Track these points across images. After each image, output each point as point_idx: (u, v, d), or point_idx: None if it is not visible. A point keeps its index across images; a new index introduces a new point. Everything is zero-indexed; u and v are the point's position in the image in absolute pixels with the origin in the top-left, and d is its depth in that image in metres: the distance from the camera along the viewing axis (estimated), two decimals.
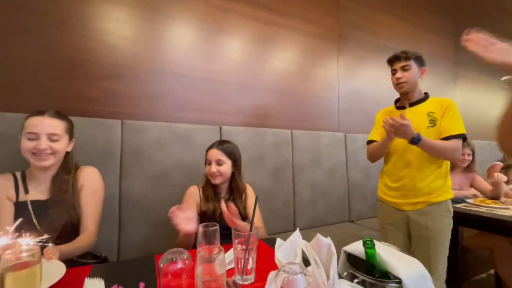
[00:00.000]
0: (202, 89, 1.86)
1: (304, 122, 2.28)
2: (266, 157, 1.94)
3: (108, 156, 1.46)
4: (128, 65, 1.64)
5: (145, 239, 1.51)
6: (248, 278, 0.76)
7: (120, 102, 1.62)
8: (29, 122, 0.97)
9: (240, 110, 2.00)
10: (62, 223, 0.99)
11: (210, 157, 1.26)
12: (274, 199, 1.94)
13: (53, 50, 1.46)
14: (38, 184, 1.02)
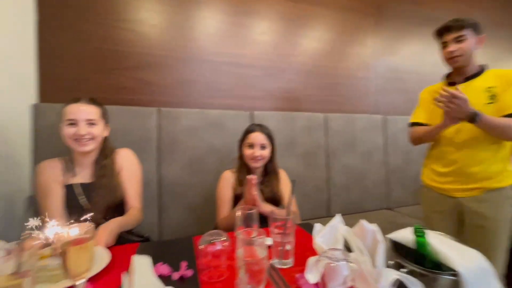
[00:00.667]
0: (230, 74, 1.84)
1: (337, 105, 2.17)
2: (297, 142, 1.89)
3: (146, 143, 1.53)
4: (160, 54, 1.67)
5: (182, 221, 1.58)
6: (287, 262, 0.75)
7: (154, 91, 1.66)
8: (67, 110, 1.03)
9: (270, 94, 1.96)
10: (106, 205, 1.06)
11: (253, 141, 1.25)
12: (306, 184, 1.90)
13: (91, 43, 1.53)
14: (82, 168, 1.09)
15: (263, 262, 0.48)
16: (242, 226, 0.75)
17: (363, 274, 0.60)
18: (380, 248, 0.61)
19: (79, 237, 0.55)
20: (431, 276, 0.62)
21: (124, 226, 1.00)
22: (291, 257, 0.76)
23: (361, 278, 0.61)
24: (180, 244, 0.92)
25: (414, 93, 1.53)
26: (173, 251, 0.85)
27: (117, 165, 1.14)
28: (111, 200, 1.07)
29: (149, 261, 0.53)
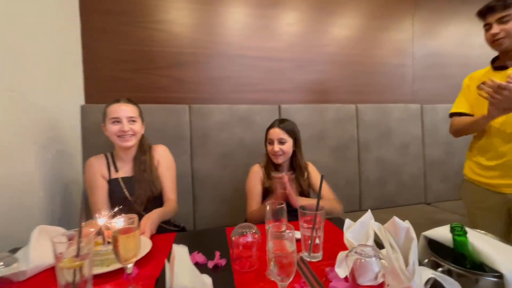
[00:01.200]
0: (258, 68, 1.85)
1: (370, 95, 2.07)
2: (327, 135, 1.86)
3: (180, 139, 1.62)
4: (191, 51, 1.73)
5: (215, 212, 1.66)
6: (316, 256, 0.76)
7: (186, 88, 1.74)
8: (110, 110, 1.13)
9: (298, 87, 1.93)
10: (146, 197, 1.16)
11: (272, 136, 1.27)
12: (337, 178, 1.87)
13: (127, 45, 1.64)
14: (124, 163, 1.20)
15: (292, 255, 0.50)
16: (271, 219, 0.78)
17: (395, 271, 0.59)
18: (414, 246, 0.59)
19: (127, 227, 0.61)
20: (472, 277, 0.59)
21: (163, 216, 1.08)
22: (320, 251, 0.77)
23: (392, 275, 0.61)
24: (214, 234, 0.98)
25: (457, 78, 1.40)
26: (208, 241, 0.91)
27: (154, 160, 1.23)
28: (151, 193, 1.17)
29: (186, 250, 0.58)
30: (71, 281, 0.60)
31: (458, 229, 0.63)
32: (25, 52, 1.12)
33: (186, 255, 0.57)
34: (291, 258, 0.50)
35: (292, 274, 0.50)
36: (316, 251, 0.76)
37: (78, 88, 1.56)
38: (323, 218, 0.77)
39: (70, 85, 1.50)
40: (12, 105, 1.04)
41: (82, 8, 1.57)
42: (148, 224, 0.94)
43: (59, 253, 0.59)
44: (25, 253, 0.73)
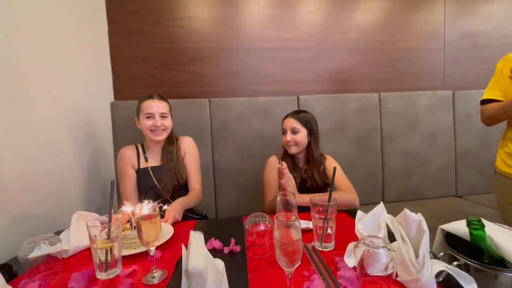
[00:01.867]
0: (276, 60, 1.84)
1: (395, 83, 1.97)
2: (348, 125, 1.82)
3: (201, 131, 1.68)
4: (210, 46, 1.77)
5: (235, 201, 1.73)
6: (328, 246, 0.78)
7: (206, 82, 1.79)
8: (144, 105, 1.21)
9: (318, 77, 1.90)
10: (173, 185, 1.25)
11: (285, 126, 1.28)
12: (358, 169, 1.83)
13: (150, 43, 1.72)
14: (153, 154, 1.29)
15: (297, 244, 0.52)
16: (282, 210, 0.80)
17: (405, 262, 0.60)
18: (425, 238, 0.59)
19: (149, 214, 0.68)
20: (491, 272, 0.58)
21: (186, 205, 1.16)
22: (332, 241, 0.79)
23: (402, 267, 0.61)
24: (231, 222, 1.03)
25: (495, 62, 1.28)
26: (225, 229, 0.96)
27: (181, 151, 1.31)
28: (177, 181, 1.25)
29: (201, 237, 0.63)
30: (104, 260, 0.68)
31: (475, 223, 0.61)
32: (60, 55, 1.23)
33: (201, 241, 0.62)
34: (296, 246, 0.52)
35: (296, 261, 0.53)
36: (328, 241, 0.78)
37: (107, 86, 1.68)
38: (335, 210, 0.78)
39: (100, 84, 1.61)
40: (53, 104, 1.16)
41: (109, 10, 1.67)
42: (171, 213, 1.01)
43: (93, 236, 0.67)
44: (66, 235, 0.83)
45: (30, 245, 0.67)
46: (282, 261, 0.53)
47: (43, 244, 0.70)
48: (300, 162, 1.32)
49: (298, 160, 1.31)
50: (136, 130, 1.29)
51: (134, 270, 0.71)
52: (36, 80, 1.07)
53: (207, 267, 0.53)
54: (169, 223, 0.97)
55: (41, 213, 1.05)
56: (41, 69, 1.10)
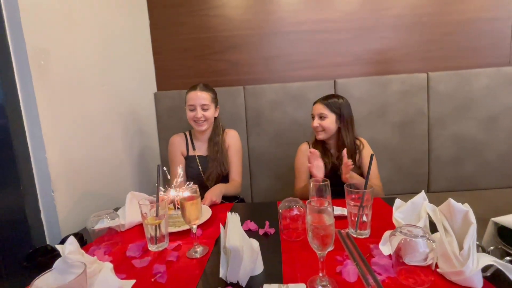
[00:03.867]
0: (312, 43, 1.78)
1: (446, 61, 1.77)
2: (390, 109, 1.70)
3: (236, 119, 1.73)
4: (243, 33, 1.78)
5: (270, 187, 1.77)
6: (363, 233, 0.77)
7: (240, 70, 1.82)
8: (188, 97, 1.28)
9: (357, 59, 1.79)
10: (216, 175, 1.32)
11: (313, 112, 1.26)
12: (401, 156, 1.72)
13: (188, 35, 1.79)
14: (200, 143, 1.37)
15: (330, 228, 0.53)
16: (314, 197, 0.81)
17: (447, 254, 0.57)
18: (471, 230, 0.55)
19: (191, 195, 0.74)
20: None
21: (225, 191, 1.21)
22: (368, 229, 0.78)
23: (444, 258, 0.58)
24: (266, 207, 1.07)
25: None
26: (260, 212, 1.01)
27: (226, 143, 1.37)
28: (220, 172, 1.32)
29: (238, 218, 0.68)
30: (153, 235, 0.78)
31: None
32: (109, 50, 1.36)
33: (238, 221, 0.67)
34: (329, 231, 0.53)
35: (328, 245, 0.54)
36: (363, 229, 0.77)
37: (150, 78, 1.80)
38: (372, 197, 0.77)
39: (144, 75, 1.74)
40: (105, 98, 1.29)
41: (149, 5, 1.76)
42: (209, 195, 1.08)
43: (144, 213, 0.76)
44: (122, 211, 0.95)
45: (95, 218, 0.80)
46: (314, 244, 0.54)
47: (105, 218, 0.82)
48: (332, 148, 1.29)
49: (329, 146, 1.29)
50: (178, 118, 1.39)
51: (179, 245, 0.79)
52: (91, 76, 1.20)
53: (243, 245, 0.57)
54: (206, 204, 1.04)
55: (101, 192, 1.21)
56: (95, 65, 1.23)
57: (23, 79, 0.89)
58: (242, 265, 0.56)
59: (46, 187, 0.94)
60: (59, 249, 0.56)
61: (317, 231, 0.53)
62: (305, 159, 1.29)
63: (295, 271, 0.63)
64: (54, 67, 0.98)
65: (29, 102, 0.91)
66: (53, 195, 0.94)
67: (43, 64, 0.94)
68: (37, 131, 0.92)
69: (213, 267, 0.67)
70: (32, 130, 0.92)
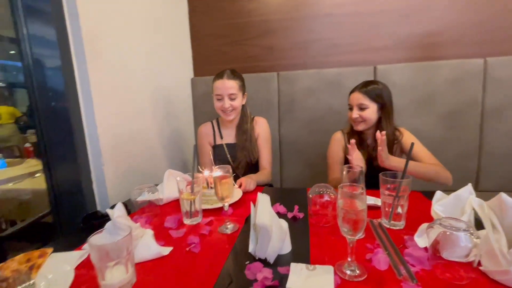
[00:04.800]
0: (351, 26, 1.68)
1: (508, 44, 1.55)
2: (437, 98, 1.56)
3: (269, 105, 1.73)
4: (278, 18, 1.74)
5: (300, 175, 1.76)
6: (397, 224, 0.74)
7: (275, 56, 1.79)
8: (215, 85, 1.28)
9: (400, 43, 1.65)
10: (244, 163, 1.34)
11: (351, 102, 1.17)
12: (446, 150, 1.58)
13: (224, 20, 1.80)
14: (228, 131, 1.39)
15: (361, 214, 0.52)
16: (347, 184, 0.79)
17: (493, 252, 0.52)
18: None
19: (223, 175, 0.77)
20: None
21: (257, 180, 1.19)
22: (402, 220, 0.74)
23: (489, 256, 0.54)
24: (295, 192, 1.07)
25: None
26: (289, 197, 1.01)
27: (255, 132, 1.37)
28: (249, 160, 1.33)
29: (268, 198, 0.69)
30: (188, 209, 0.83)
31: None
32: (151, 36, 1.43)
33: (268, 202, 0.68)
34: (360, 216, 0.52)
35: (359, 231, 0.53)
36: (397, 220, 0.74)
37: (188, 63, 1.87)
38: (409, 187, 0.73)
39: (182, 61, 1.81)
40: (146, 80, 1.37)
41: None
42: (244, 179, 1.10)
43: (181, 189, 0.82)
44: (161, 187, 1.03)
45: (138, 190, 0.87)
46: (345, 228, 0.54)
47: (146, 192, 0.89)
48: (368, 138, 1.21)
49: (366, 136, 1.21)
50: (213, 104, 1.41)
51: (211, 220, 0.84)
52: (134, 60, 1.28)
53: (272, 224, 0.59)
54: (241, 188, 1.06)
55: (142, 169, 1.32)
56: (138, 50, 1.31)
57: (79, 63, 0.99)
58: (270, 243, 0.58)
59: (97, 161, 1.05)
60: (109, 213, 0.63)
61: (348, 215, 0.53)
62: (339, 148, 1.25)
63: (323, 254, 0.63)
64: (104, 51, 1.07)
65: (84, 84, 1.01)
66: (103, 168, 1.05)
67: (96, 48, 1.02)
68: (90, 111, 1.02)
69: (242, 243, 0.70)
70: (86, 111, 1.02)
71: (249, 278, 0.55)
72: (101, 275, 0.51)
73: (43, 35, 0.94)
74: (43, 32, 0.94)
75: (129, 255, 0.53)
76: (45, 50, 0.95)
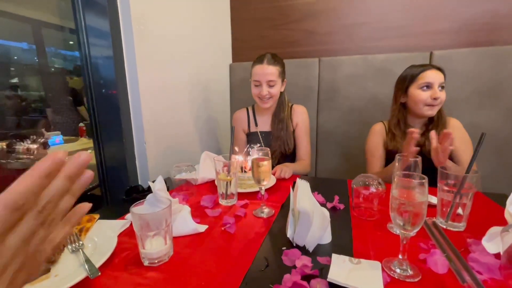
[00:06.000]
0: (404, 7, 1.50)
1: None
2: (506, 89, 1.34)
3: (308, 93, 1.65)
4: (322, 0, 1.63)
5: (336, 168, 1.67)
6: (456, 225, 0.65)
7: (316, 40, 1.69)
8: (254, 70, 1.23)
9: (464, 24, 1.44)
10: (279, 153, 1.29)
11: (432, 79, 0.99)
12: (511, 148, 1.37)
13: (265, 3, 1.73)
14: (264, 118, 1.35)
15: (421, 206, 0.45)
16: None
17: None
18: None
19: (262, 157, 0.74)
20: None
21: (295, 171, 1.14)
22: (463, 222, 0.65)
23: None
24: (334, 182, 1.01)
25: None
26: (328, 187, 0.95)
27: (293, 121, 1.32)
28: (284, 150, 1.28)
29: (308, 184, 0.65)
30: (224, 191, 0.82)
31: None
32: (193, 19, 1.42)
33: (307, 187, 0.64)
34: (419, 209, 0.45)
35: (416, 226, 0.46)
36: (457, 221, 0.65)
37: (227, 49, 1.85)
38: (475, 185, 0.62)
39: (221, 46, 1.79)
40: (187, 64, 1.38)
41: None
42: (280, 166, 1.07)
43: (218, 170, 0.81)
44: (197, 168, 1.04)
45: (177, 168, 0.89)
46: (399, 221, 0.47)
47: (184, 171, 0.90)
48: (416, 125, 1.09)
49: (414, 123, 1.10)
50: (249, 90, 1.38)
51: (246, 203, 0.82)
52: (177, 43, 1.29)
53: (314, 210, 0.54)
54: (276, 175, 1.02)
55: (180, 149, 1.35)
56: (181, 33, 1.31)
57: (128, 53, 1.02)
58: (311, 230, 0.54)
59: (140, 138, 1.09)
60: (151, 185, 0.64)
61: (405, 207, 0.46)
62: (379, 141, 1.16)
63: (367, 248, 0.57)
64: (150, 33, 1.09)
65: (132, 72, 1.04)
66: (145, 145, 1.09)
67: (143, 29, 1.04)
68: (136, 91, 1.06)
69: (278, 228, 0.67)
70: (133, 96, 1.06)
71: (286, 264, 0.52)
72: (142, 244, 0.52)
73: (98, 26, 0.99)
74: (98, 23, 0.99)
75: (167, 227, 0.54)
76: (99, 40, 1.00)
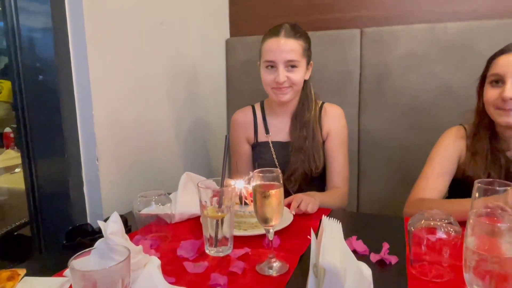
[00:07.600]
0: None
1: None
2: None
3: (345, 82, 1.68)
4: None
5: (388, 193, 1.67)
6: None
7: (357, 4, 1.71)
8: (266, 46, 1.23)
9: None
10: (300, 174, 1.27)
11: (504, 70, 1.01)
12: None
13: None
14: (278, 121, 1.35)
15: None
16: None
17: None
18: None
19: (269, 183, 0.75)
20: None
21: (323, 203, 1.12)
22: None
23: None
24: (385, 222, 1.01)
25: None
26: (374, 228, 0.96)
27: (323, 129, 1.31)
28: (310, 169, 1.26)
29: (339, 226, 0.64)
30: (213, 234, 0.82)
31: None
32: None
33: (339, 231, 0.63)
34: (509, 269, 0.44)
35: None
36: None
37: (223, 19, 1.90)
38: None
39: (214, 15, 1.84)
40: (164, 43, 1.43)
41: None
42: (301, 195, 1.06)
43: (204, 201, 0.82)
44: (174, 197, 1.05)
45: (143, 198, 0.90)
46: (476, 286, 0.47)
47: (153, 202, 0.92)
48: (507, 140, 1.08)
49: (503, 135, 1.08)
50: (255, 77, 1.39)
51: (246, 253, 0.82)
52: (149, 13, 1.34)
53: (346, 267, 0.54)
54: (293, 209, 1.02)
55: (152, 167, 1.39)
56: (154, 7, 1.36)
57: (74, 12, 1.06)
58: None
59: (90, 153, 1.13)
60: (101, 226, 0.65)
61: (486, 265, 0.45)
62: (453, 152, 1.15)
63: None
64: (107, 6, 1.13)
65: (80, 52, 1.07)
66: (97, 163, 1.12)
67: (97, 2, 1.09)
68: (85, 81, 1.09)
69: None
70: (80, 87, 1.10)
71: None
72: None
73: None
74: None
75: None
76: (33, 3, 1.04)
